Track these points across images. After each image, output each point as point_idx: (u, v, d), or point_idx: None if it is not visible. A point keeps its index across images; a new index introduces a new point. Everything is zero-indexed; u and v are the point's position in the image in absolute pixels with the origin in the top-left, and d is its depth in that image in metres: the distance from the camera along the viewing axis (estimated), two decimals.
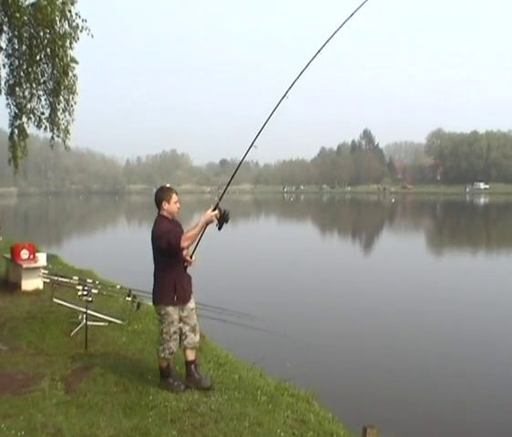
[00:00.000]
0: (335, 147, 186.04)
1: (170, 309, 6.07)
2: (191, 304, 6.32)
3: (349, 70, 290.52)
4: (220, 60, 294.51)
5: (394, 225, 53.73)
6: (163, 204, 6.16)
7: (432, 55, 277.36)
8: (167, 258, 6.07)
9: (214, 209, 6.02)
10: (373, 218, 63.48)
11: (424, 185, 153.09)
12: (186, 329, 6.19)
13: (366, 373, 10.24)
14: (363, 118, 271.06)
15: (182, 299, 6.16)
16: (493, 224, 52.76)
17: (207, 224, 6.00)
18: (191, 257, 6.31)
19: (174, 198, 6.20)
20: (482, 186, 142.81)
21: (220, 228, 6.10)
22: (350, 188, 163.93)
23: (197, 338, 6.34)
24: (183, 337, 6.21)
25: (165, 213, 6.18)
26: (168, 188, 6.33)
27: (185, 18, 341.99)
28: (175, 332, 6.11)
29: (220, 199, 6.15)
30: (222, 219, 6.01)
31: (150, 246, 6.15)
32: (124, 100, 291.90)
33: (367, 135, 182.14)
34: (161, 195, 6.21)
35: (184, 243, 5.92)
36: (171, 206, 6.17)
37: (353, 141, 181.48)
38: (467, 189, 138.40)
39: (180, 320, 6.16)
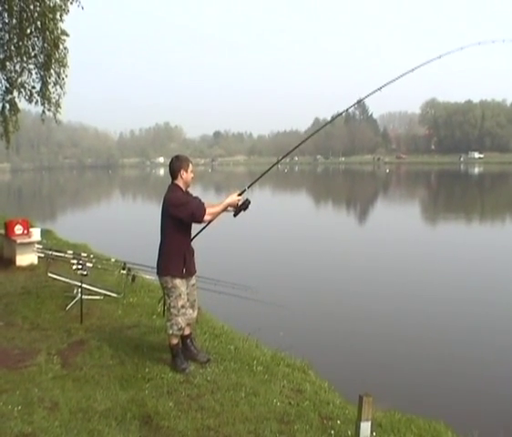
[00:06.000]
0: (329, 118, 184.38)
1: (178, 281, 5.90)
2: (193, 280, 6.24)
3: (341, 40, 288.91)
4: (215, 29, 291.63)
5: (390, 195, 53.68)
6: (181, 172, 6.00)
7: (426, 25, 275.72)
8: (178, 228, 5.90)
9: (240, 194, 6.04)
10: (369, 189, 63.44)
11: (419, 155, 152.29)
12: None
13: (362, 343, 10.28)
14: (356, 89, 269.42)
15: (189, 272, 6.05)
16: (488, 193, 52.80)
17: (229, 206, 6.01)
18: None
19: (191, 167, 6.09)
20: (476, 155, 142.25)
21: (235, 215, 6.11)
22: (344, 159, 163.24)
23: (194, 314, 6.28)
24: None
25: (181, 183, 6.02)
26: (186, 157, 6.24)
27: None
28: (183, 306, 5.93)
29: (249, 186, 6.18)
30: (242, 207, 6.03)
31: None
32: (118, 73, 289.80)
33: (361, 105, 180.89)
34: (179, 164, 6.04)
35: (207, 217, 5.88)
36: (188, 175, 6.04)
37: (347, 111, 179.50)
38: (462, 159, 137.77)
39: None
